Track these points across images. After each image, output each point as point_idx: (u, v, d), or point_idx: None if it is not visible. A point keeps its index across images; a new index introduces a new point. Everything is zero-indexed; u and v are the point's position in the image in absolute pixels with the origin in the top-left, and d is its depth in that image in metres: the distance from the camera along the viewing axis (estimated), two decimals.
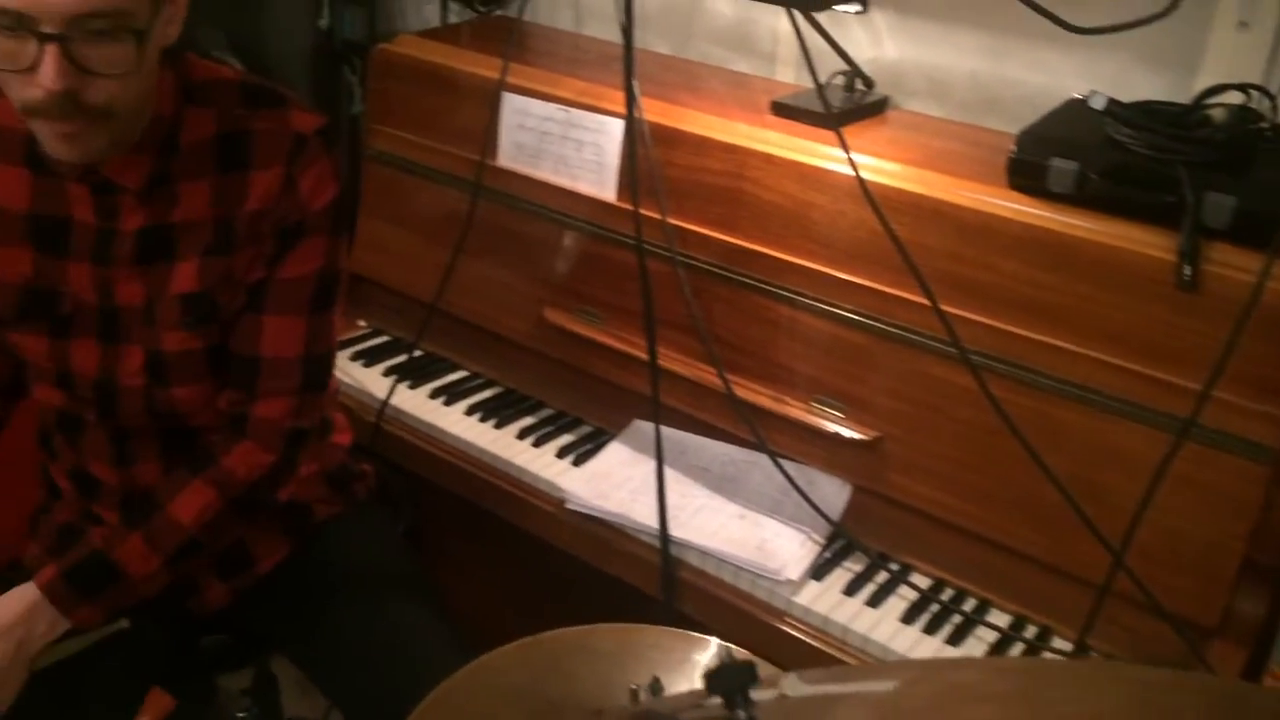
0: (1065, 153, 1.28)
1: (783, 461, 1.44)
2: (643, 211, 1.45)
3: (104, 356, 1.19)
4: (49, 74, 0.96)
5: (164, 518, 1.17)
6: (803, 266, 1.45)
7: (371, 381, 1.73)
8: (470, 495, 1.63)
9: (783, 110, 1.54)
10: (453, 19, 2.09)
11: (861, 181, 1.25)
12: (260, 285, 1.18)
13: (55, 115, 1.00)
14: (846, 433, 1.43)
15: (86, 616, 1.15)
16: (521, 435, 1.63)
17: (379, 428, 1.68)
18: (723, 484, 1.51)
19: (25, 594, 1.13)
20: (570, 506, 1.49)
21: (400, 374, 1.72)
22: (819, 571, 1.40)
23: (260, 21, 2.06)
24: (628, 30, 1.30)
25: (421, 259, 1.79)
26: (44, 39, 0.95)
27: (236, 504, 1.20)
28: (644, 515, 1.44)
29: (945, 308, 1.30)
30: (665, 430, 1.45)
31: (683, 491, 1.49)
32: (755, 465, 1.52)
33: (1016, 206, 1.31)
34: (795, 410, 1.48)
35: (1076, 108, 1.38)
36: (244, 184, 1.15)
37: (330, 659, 1.34)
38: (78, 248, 1.16)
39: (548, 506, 1.53)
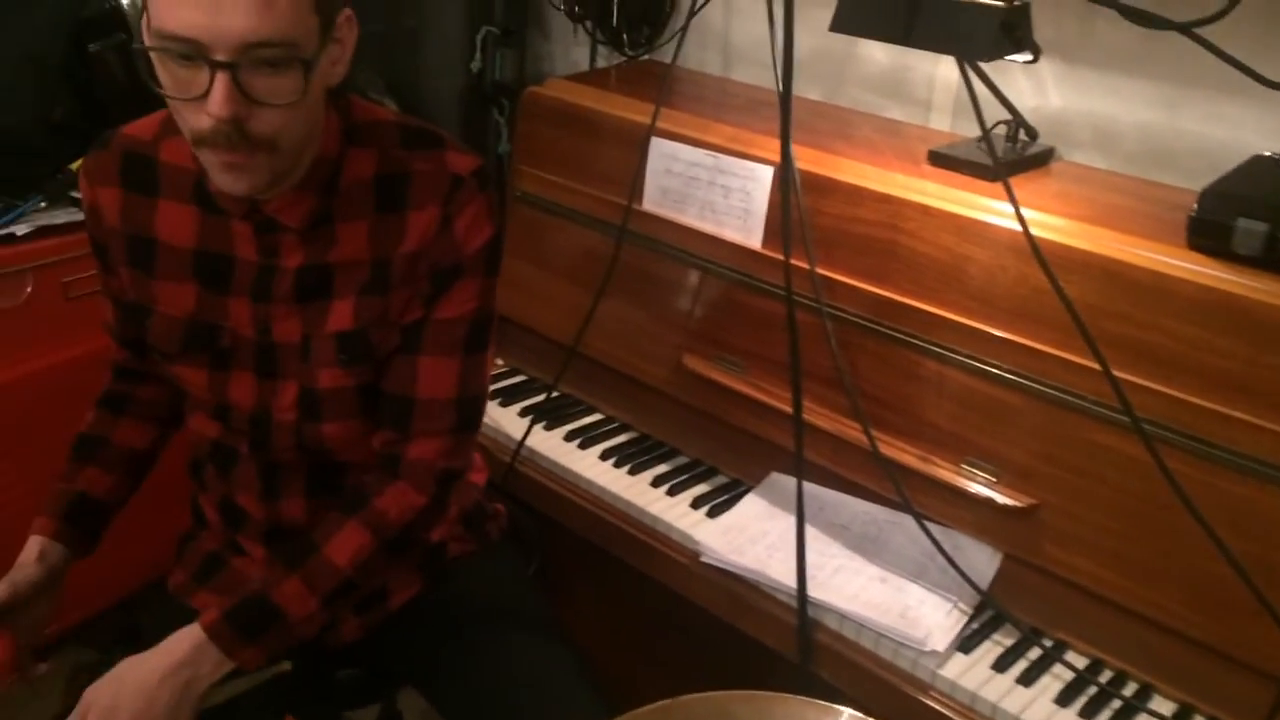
0: (1253, 213, 1.20)
1: (929, 524, 1.37)
2: (791, 261, 1.42)
3: (260, 391, 1.21)
4: (218, 100, 0.98)
5: (321, 559, 1.18)
6: (957, 322, 1.39)
7: (508, 421, 1.74)
8: (601, 541, 1.61)
9: (941, 160, 1.49)
10: (601, 63, 2.11)
11: (1030, 236, 1.19)
12: (416, 326, 1.19)
13: (221, 144, 1.02)
14: (999, 498, 1.36)
15: (250, 658, 1.16)
16: (656, 483, 1.60)
17: (513, 467, 1.68)
18: (863, 544, 1.45)
19: (191, 634, 1.14)
20: (704, 559, 1.46)
21: (536, 415, 1.72)
22: (966, 644, 1.32)
23: (415, 64, 2.12)
24: (785, 97, 1.27)
25: (561, 300, 1.79)
26: (216, 67, 0.98)
27: (389, 545, 1.20)
28: (780, 573, 1.39)
29: (1114, 372, 1.23)
30: (804, 485, 1.40)
31: (821, 550, 1.44)
32: (898, 526, 1.46)
33: (1196, 268, 1.24)
34: (943, 471, 1.41)
35: (1264, 165, 1.30)
36: (401, 225, 1.16)
37: (459, 696, 1.33)
38: (239, 284, 1.18)
39: (680, 558, 1.50)
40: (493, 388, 1.82)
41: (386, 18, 2.06)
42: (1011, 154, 1.52)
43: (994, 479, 1.38)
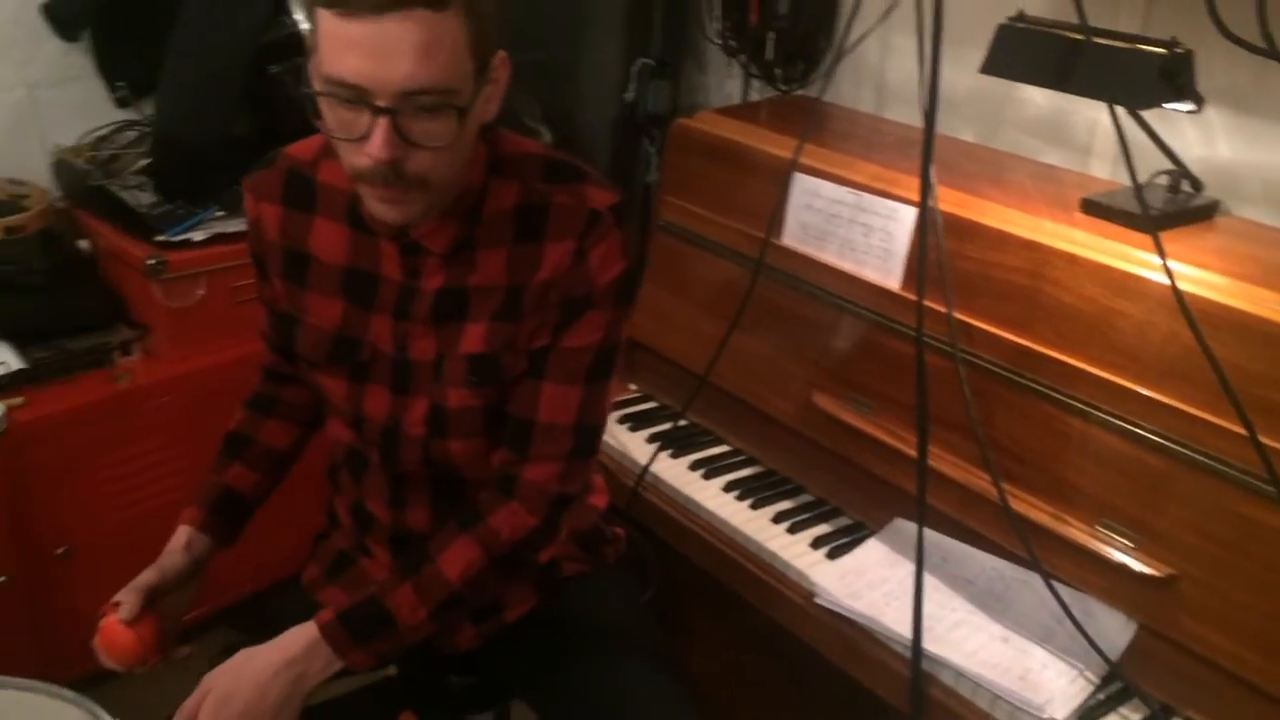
0: None
1: (1058, 586, 1.32)
2: (928, 304, 1.39)
3: (392, 405, 1.26)
4: (378, 143, 1.03)
5: (433, 571, 1.21)
6: (1101, 378, 1.33)
7: (635, 446, 1.75)
8: (717, 573, 1.60)
9: (1094, 209, 1.43)
10: (754, 96, 2.12)
11: (1176, 291, 1.14)
12: (543, 352, 1.21)
13: (379, 182, 1.08)
14: (1136, 565, 1.30)
15: (358, 660, 1.20)
16: (777, 519, 1.59)
17: (636, 492, 1.70)
18: (987, 600, 1.40)
19: (306, 632, 1.20)
20: (819, 601, 1.43)
21: (663, 442, 1.73)
22: (1089, 714, 1.26)
23: (572, 93, 2.17)
24: (927, 137, 1.25)
25: (696, 330, 1.80)
26: (377, 111, 1.03)
27: (499, 562, 1.23)
28: (896, 622, 1.36)
29: (1266, 441, 1.15)
30: (928, 534, 1.37)
31: (941, 602, 1.40)
32: (1026, 585, 1.41)
33: None
34: (1077, 532, 1.35)
35: None
36: (537, 255, 1.19)
37: (567, 712, 1.35)
38: (382, 301, 1.24)
39: (796, 597, 1.48)
40: (623, 412, 1.84)
41: (545, 47, 2.11)
42: (1172, 205, 1.45)
43: (1131, 544, 1.32)
